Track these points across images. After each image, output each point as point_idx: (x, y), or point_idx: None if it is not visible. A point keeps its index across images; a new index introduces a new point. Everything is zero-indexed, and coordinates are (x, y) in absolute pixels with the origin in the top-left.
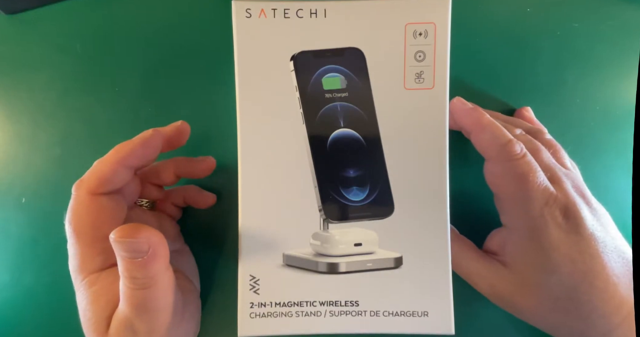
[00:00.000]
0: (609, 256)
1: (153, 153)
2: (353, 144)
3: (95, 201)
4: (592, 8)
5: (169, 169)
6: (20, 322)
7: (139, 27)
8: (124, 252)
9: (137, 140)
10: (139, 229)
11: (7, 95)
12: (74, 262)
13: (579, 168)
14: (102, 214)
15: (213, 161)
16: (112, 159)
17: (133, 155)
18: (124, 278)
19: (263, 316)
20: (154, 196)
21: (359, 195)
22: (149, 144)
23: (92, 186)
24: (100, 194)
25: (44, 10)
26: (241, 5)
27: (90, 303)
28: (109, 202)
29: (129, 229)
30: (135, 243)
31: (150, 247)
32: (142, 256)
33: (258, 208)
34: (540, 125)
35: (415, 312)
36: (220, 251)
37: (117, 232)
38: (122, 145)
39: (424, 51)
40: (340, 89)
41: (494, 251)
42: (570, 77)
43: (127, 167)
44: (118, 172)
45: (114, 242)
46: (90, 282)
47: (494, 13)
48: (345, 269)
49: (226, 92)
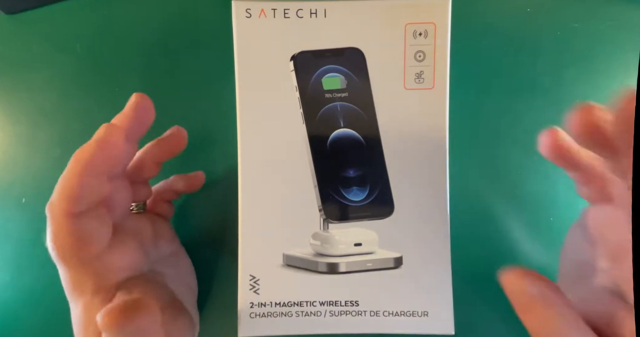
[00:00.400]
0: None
1: (115, 153)
2: (353, 144)
3: (73, 223)
4: (592, 8)
5: (146, 160)
6: (20, 322)
7: (139, 27)
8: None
9: (93, 143)
10: (128, 316)
11: (7, 96)
12: (65, 284)
13: None
14: (84, 236)
15: (181, 130)
16: (74, 172)
17: (94, 160)
18: None
19: (263, 316)
20: (142, 195)
21: (359, 195)
22: (107, 143)
23: (64, 207)
24: (77, 214)
25: (44, 10)
26: (241, 5)
27: (84, 328)
28: (88, 222)
29: (116, 315)
30: (124, 331)
31: (140, 332)
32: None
33: (258, 208)
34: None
35: (415, 312)
36: (220, 251)
37: (103, 318)
38: (77, 153)
39: (424, 51)
40: (340, 89)
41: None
42: (570, 77)
43: (94, 175)
44: (86, 185)
45: (102, 329)
46: (83, 304)
47: (494, 13)
48: (345, 269)
49: (226, 92)
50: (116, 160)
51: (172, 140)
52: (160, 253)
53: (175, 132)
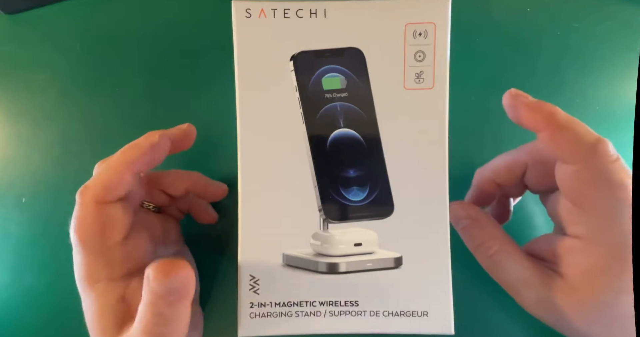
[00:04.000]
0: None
1: (160, 158)
2: (353, 144)
3: (101, 209)
4: (592, 8)
5: (182, 184)
6: (20, 322)
7: (138, 27)
8: (159, 290)
9: (145, 145)
10: (178, 268)
11: (7, 96)
12: (80, 271)
13: None
14: (109, 223)
15: (226, 189)
16: (120, 165)
17: (141, 161)
18: (148, 312)
19: (263, 316)
20: (161, 202)
21: (359, 195)
22: (158, 149)
23: (99, 194)
24: (107, 203)
25: (44, 10)
26: (241, 5)
27: (99, 318)
28: (115, 211)
29: (167, 267)
30: (172, 282)
31: (183, 287)
32: (174, 295)
33: (258, 208)
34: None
35: (415, 312)
36: (220, 251)
37: (154, 270)
38: (129, 149)
39: (424, 51)
40: (340, 89)
41: (544, 257)
42: (570, 77)
43: (133, 173)
44: (125, 179)
45: (151, 279)
46: (97, 292)
47: (494, 13)
48: (345, 269)
49: (226, 92)
50: (154, 165)
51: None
52: (166, 252)
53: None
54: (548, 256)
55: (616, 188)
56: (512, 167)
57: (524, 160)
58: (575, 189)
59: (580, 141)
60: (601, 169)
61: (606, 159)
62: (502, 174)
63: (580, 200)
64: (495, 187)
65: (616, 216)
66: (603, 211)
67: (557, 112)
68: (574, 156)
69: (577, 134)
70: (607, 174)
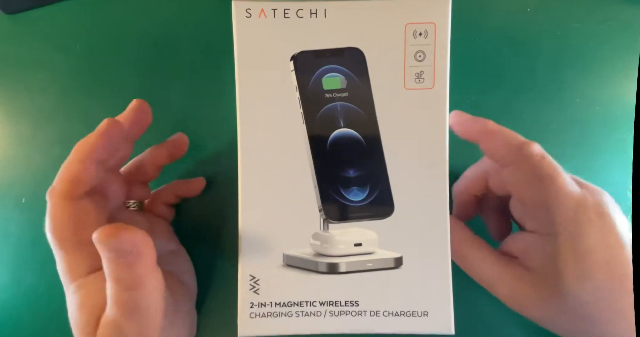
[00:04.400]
0: (634, 256)
1: (116, 143)
2: (353, 144)
3: (72, 205)
4: (592, 8)
5: (147, 163)
6: (20, 322)
7: (138, 27)
8: (108, 252)
9: (95, 134)
10: (122, 228)
11: (7, 96)
12: (60, 269)
13: (580, 168)
14: (82, 218)
15: (183, 137)
16: (76, 157)
17: (95, 148)
18: (110, 280)
19: (263, 316)
20: (140, 194)
21: (359, 195)
22: (108, 135)
23: (65, 190)
24: (76, 198)
25: (44, 10)
26: (241, 5)
27: (78, 308)
28: (87, 205)
29: (111, 228)
30: (118, 243)
31: (134, 246)
32: (126, 255)
33: (258, 208)
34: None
35: (415, 312)
36: (220, 251)
37: (99, 232)
38: (81, 142)
39: (424, 51)
40: (340, 89)
41: (514, 254)
42: (570, 77)
43: (94, 162)
44: (86, 170)
45: (97, 242)
46: (78, 286)
47: (494, 13)
48: (345, 269)
49: (226, 92)
50: (113, 151)
51: (174, 146)
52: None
53: (178, 138)
54: (517, 253)
55: (547, 182)
56: (478, 177)
57: (486, 169)
58: (514, 188)
59: (508, 145)
60: (530, 168)
61: (532, 158)
62: (471, 184)
63: (521, 197)
64: (473, 198)
65: (553, 207)
66: (541, 204)
67: (487, 123)
68: (505, 159)
69: (505, 139)
70: (534, 171)
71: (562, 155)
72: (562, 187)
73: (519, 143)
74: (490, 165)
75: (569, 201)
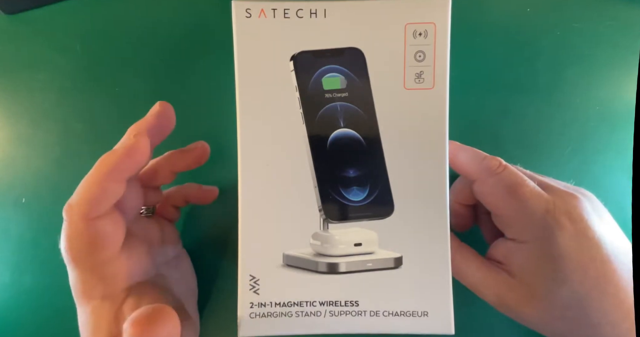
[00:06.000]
0: (618, 259)
1: (141, 161)
2: (353, 144)
3: (90, 226)
4: (592, 8)
5: (164, 168)
6: (20, 322)
7: (138, 27)
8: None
9: (120, 151)
10: (156, 322)
11: (7, 95)
12: (75, 287)
13: (580, 168)
14: (99, 239)
15: (205, 146)
16: (98, 176)
17: (119, 168)
18: None
19: (263, 316)
20: (153, 200)
21: (359, 195)
22: (135, 152)
23: (83, 210)
24: (95, 218)
25: (44, 10)
26: (241, 5)
27: (92, 332)
28: (105, 225)
29: (145, 320)
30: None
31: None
32: None
33: (258, 208)
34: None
35: (415, 312)
36: (220, 251)
37: (133, 325)
38: (105, 158)
39: (424, 51)
40: (340, 89)
41: (498, 260)
42: (570, 77)
43: (116, 181)
44: (108, 190)
45: (129, 332)
46: (92, 309)
47: (494, 13)
48: (345, 269)
49: (226, 92)
50: (139, 168)
51: (195, 154)
52: (165, 257)
53: (200, 147)
54: (501, 259)
55: (511, 193)
56: (464, 188)
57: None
58: (484, 201)
59: (471, 161)
60: (493, 179)
61: (493, 171)
62: (461, 195)
63: (493, 208)
64: (464, 208)
65: (522, 216)
66: (511, 214)
67: (452, 143)
68: (470, 174)
69: (467, 156)
70: (498, 182)
71: (562, 156)
72: (526, 196)
73: (480, 158)
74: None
75: (536, 209)
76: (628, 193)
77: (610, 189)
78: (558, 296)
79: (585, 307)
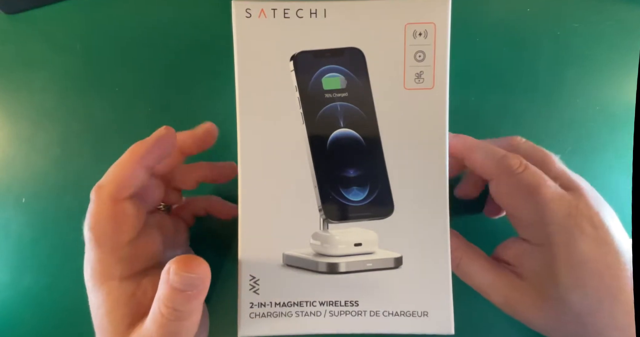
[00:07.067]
0: (629, 266)
1: (168, 151)
2: (353, 144)
3: (116, 206)
4: (592, 8)
5: (190, 174)
6: (20, 322)
7: (138, 27)
8: (179, 284)
9: (152, 140)
10: (198, 264)
11: (7, 95)
12: (92, 268)
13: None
14: (123, 220)
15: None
16: (129, 160)
17: (149, 155)
18: (163, 306)
19: (263, 316)
20: (173, 200)
21: (359, 195)
22: (164, 142)
23: (113, 191)
24: (122, 199)
25: (44, 10)
26: (241, 5)
27: (108, 313)
28: (130, 208)
29: (189, 262)
30: (192, 278)
31: (202, 282)
32: (192, 289)
33: (258, 208)
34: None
35: (415, 312)
36: (221, 251)
37: (176, 264)
38: (137, 145)
39: (424, 51)
40: (340, 89)
41: (507, 261)
42: (570, 77)
43: (144, 168)
44: (136, 174)
45: (172, 273)
46: (109, 290)
47: (494, 13)
48: (345, 269)
49: (226, 92)
50: (163, 159)
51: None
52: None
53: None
54: (510, 260)
55: (531, 193)
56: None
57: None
58: (501, 201)
59: (488, 159)
60: (512, 180)
61: (513, 170)
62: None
63: (509, 209)
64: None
65: (543, 218)
66: (530, 216)
67: (466, 139)
68: (487, 173)
69: (485, 153)
70: (518, 183)
71: (562, 156)
72: (548, 197)
73: (499, 156)
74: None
75: (557, 211)
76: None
77: (610, 189)
78: (569, 300)
79: (595, 314)
